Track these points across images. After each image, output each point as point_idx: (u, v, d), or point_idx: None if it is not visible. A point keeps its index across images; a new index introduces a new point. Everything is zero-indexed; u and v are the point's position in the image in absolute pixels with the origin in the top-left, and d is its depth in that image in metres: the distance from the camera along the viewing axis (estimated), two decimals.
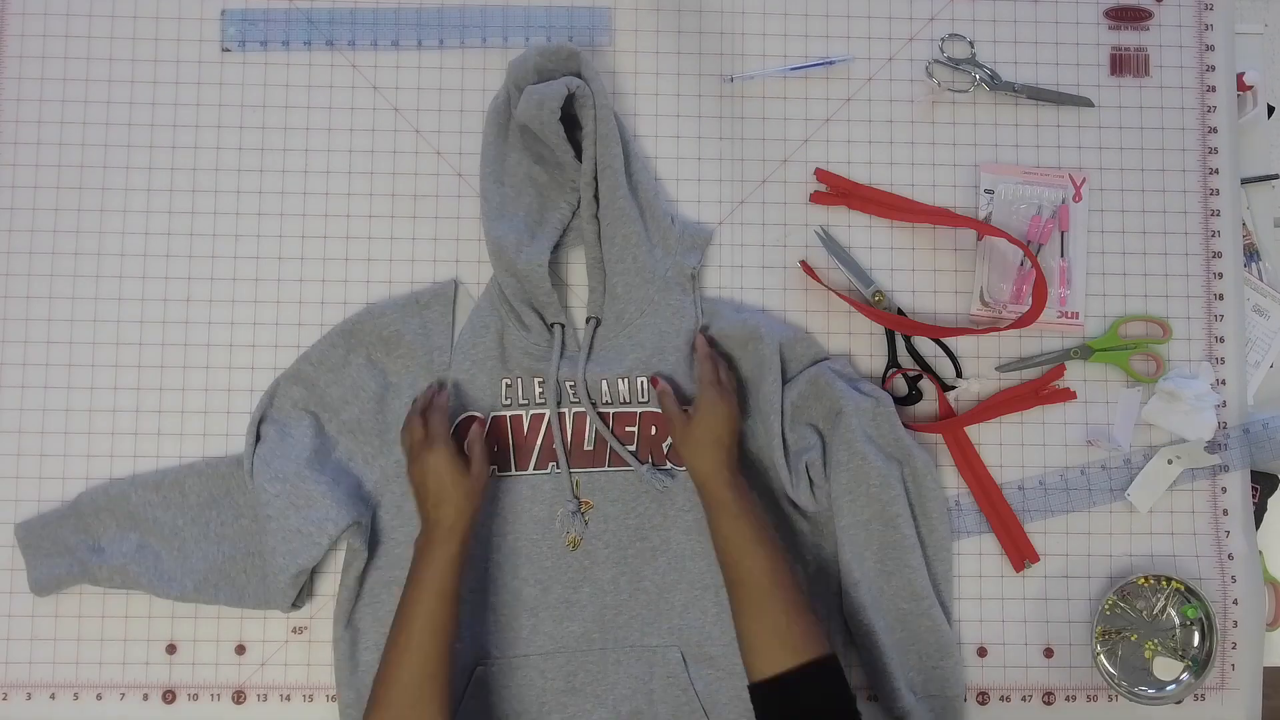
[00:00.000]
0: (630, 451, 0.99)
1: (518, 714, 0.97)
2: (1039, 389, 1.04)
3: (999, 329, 1.03)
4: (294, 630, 1.01)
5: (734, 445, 0.95)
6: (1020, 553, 1.03)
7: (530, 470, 1.00)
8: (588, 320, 1.01)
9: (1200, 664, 1.00)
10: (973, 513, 1.03)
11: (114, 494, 1.00)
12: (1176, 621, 1.02)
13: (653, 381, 0.98)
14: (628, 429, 1.00)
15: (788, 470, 0.99)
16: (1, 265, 1.03)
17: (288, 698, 1.01)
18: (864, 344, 1.05)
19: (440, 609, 0.88)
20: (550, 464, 1.00)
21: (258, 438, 0.99)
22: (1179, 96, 1.08)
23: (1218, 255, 1.06)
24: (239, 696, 1.01)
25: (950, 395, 1.04)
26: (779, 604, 0.86)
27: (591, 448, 1.00)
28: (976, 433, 1.04)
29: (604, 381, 0.99)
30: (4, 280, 1.03)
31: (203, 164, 1.04)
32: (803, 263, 1.04)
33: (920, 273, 1.05)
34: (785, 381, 1.00)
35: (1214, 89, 1.08)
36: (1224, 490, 1.04)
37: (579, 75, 0.99)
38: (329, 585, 1.01)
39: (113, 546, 0.99)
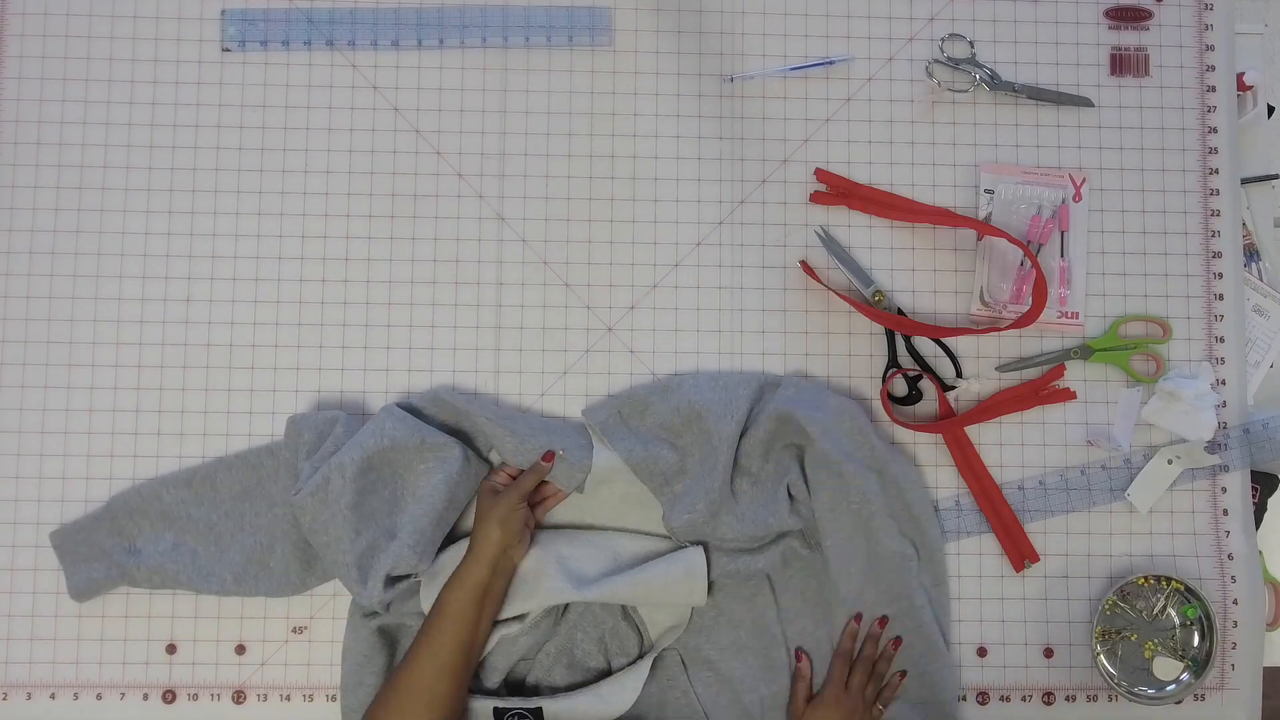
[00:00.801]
0: None
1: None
2: (1039, 389, 1.04)
3: (999, 329, 1.03)
4: (294, 630, 1.01)
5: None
6: (1020, 553, 1.03)
7: None
8: None
9: (1200, 664, 1.00)
10: (973, 513, 1.03)
11: (146, 494, 1.00)
12: (1176, 621, 1.02)
13: (797, 656, 0.99)
14: None
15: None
16: (1, 265, 1.03)
17: (288, 698, 1.01)
18: (864, 344, 1.05)
19: (452, 629, 0.90)
20: None
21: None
22: (1179, 96, 1.08)
23: (1218, 255, 1.06)
24: (239, 696, 1.01)
25: (950, 395, 1.04)
26: None
27: None
28: (976, 433, 1.04)
29: None
30: (4, 280, 1.03)
31: (203, 164, 1.04)
32: (803, 263, 1.04)
33: (920, 273, 1.05)
34: (747, 425, 0.99)
35: (1214, 89, 1.08)
36: (1224, 490, 1.04)
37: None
38: (329, 585, 1.01)
39: (149, 547, 0.99)
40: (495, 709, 0.92)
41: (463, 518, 1.00)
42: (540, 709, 0.92)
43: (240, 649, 1.01)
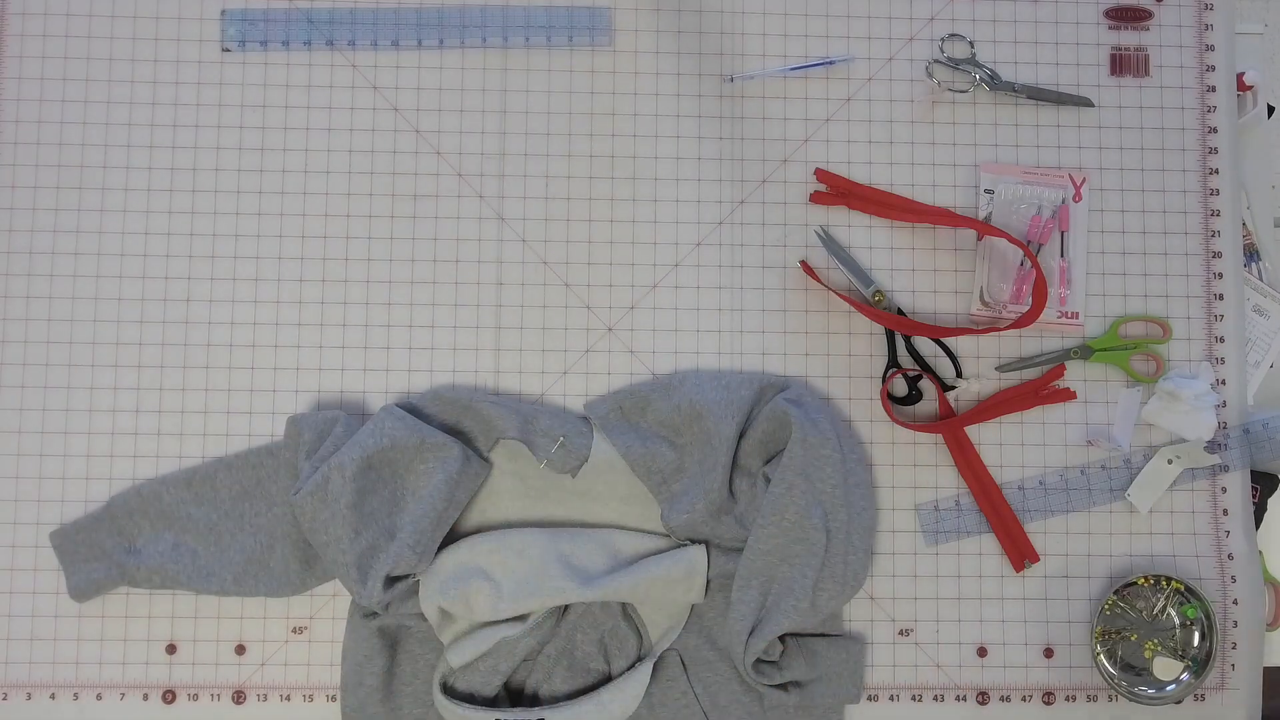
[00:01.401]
0: None
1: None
2: (1039, 389, 1.04)
3: (999, 329, 1.03)
4: (294, 630, 1.01)
5: None
6: (1020, 553, 1.03)
7: None
8: None
9: (1200, 664, 1.00)
10: (973, 513, 1.03)
11: (146, 494, 1.00)
12: (1176, 621, 1.02)
13: None
14: None
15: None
16: (1, 265, 1.03)
17: (288, 698, 1.01)
18: (864, 344, 1.05)
19: None
20: None
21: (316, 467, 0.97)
22: (1179, 96, 1.08)
23: (1218, 255, 1.06)
24: (239, 696, 1.01)
25: (950, 395, 1.04)
26: None
27: None
28: (976, 433, 1.04)
29: None
30: (4, 280, 1.03)
31: (203, 164, 1.04)
32: (803, 263, 1.04)
33: (920, 273, 1.05)
34: (747, 425, 0.99)
35: (1214, 89, 1.08)
36: (1224, 490, 1.04)
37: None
38: (329, 585, 1.01)
39: (149, 547, 0.99)
40: None
41: (462, 518, 1.00)
42: (542, 719, 0.92)
43: (240, 649, 1.01)
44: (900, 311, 1.04)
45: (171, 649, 1.01)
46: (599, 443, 0.98)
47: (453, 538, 0.99)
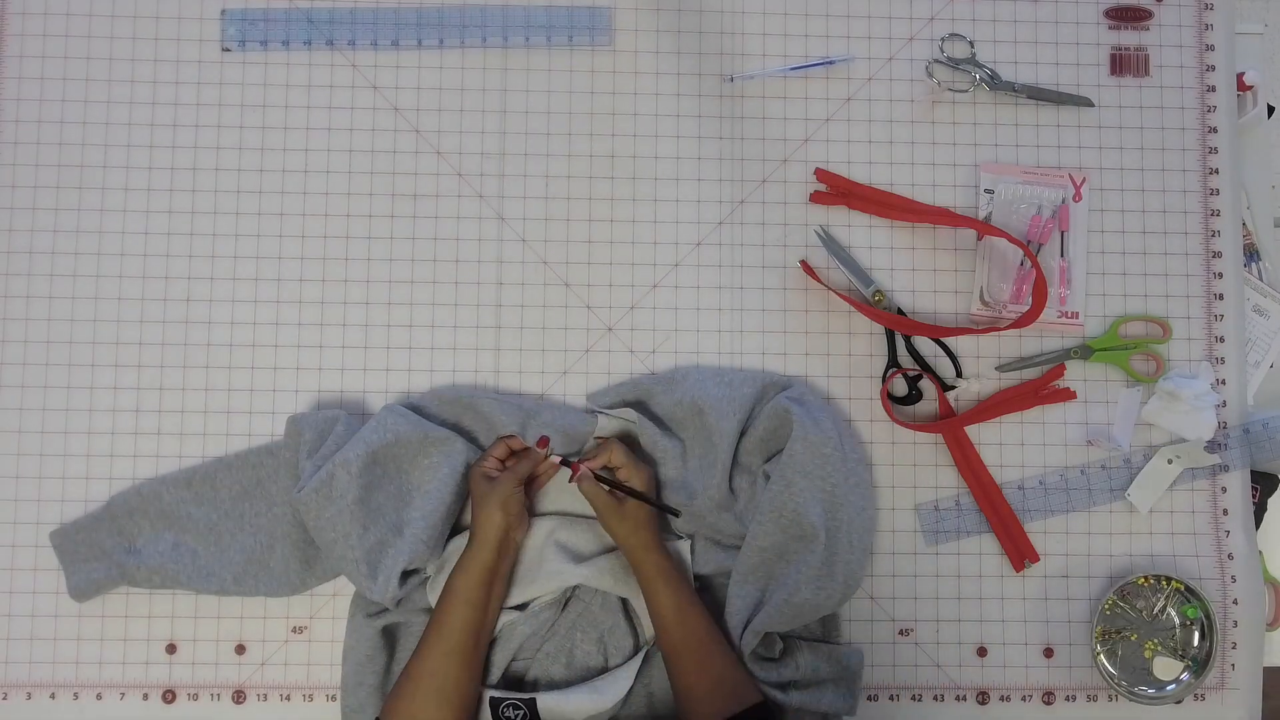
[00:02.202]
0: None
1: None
2: (1039, 389, 1.04)
3: (999, 329, 1.03)
4: (294, 630, 1.01)
5: (656, 517, 0.97)
6: (1020, 553, 1.03)
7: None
8: None
9: (1200, 664, 1.00)
10: (973, 513, 1.03)
11: (146, 494, 1.00)
12: (1176, 621, 1.02)
13: (573, 469, 0.96)
14: None
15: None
16: (1, 265, 1.03)
17: (288, 698, 1.01)
18: (864, 344, 1.05)
19: (462, 614, 0.91)
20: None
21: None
22: (1179, 96, 1.08)
23: (1218, 255, 1.06)
24: (239, 696, 1.01)
25: (950, 395, 1.04)
26: (719, 660, 0.91)
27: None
28: (976, 433, 1.04)
29: None
30: (4, 280, 1.03)
31: (203, 164, 1.04)
32: (803, 263, 1.04)
33: (920, 273, 1.05)
34: (748, 423, 0.99)
35: (1214, 89, 1.08)
36: (1224, 490, 1.04)
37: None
38: (329, 585, 1.01)
39: (149, 547, 0.99)
40: (491, 698, 0.93)
41: (462, 513, 1.00)
42: (534, 700, 0.92)
43: (240, 649, 1.01)
44: (900, 311, 1.04)
45: (171, 649, 1.01)
46: (603, 422, 0.99)
47: (454, 531, 0.99)
